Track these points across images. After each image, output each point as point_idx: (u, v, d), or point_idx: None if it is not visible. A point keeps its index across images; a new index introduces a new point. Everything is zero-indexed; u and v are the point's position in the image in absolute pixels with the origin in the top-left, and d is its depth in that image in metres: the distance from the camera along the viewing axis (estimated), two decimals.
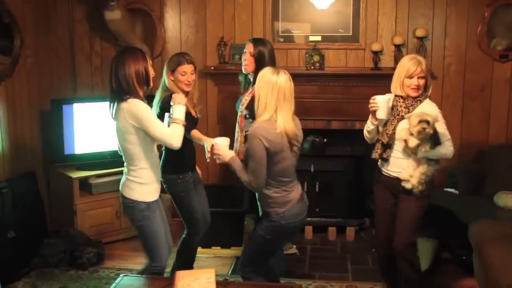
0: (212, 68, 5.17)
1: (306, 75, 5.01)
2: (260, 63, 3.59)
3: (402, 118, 3.37)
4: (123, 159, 3.22)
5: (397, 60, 4.92)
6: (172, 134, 3.06)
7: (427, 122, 3.18)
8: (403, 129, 3.32)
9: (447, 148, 3.31)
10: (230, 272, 4.34)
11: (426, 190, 3.37)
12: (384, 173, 3.52)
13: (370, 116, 3.47)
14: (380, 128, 3.49)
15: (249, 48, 3.67)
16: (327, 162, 5.12)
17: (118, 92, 3.04)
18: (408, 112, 3.35)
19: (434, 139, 3.27)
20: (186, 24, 5.31)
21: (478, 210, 4.28)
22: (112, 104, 3.10)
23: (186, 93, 3.52)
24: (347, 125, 5.15)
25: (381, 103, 3.33)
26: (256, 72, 3.52)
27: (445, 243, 4.34)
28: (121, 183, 3.25)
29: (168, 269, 3.84)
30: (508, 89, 4.96)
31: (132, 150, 3.10)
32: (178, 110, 3.13)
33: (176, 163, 3.55)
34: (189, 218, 3.67)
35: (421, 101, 3.40)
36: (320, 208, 5.09)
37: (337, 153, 5.16)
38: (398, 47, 4.93)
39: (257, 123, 3.01)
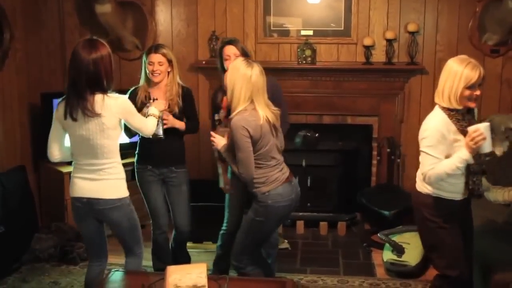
0: (204, 62, 5.15)
1: (298, 70, 5.01)
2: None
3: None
4: (88, 158, 3.01)
5: (388, 54, 4.93)
6: (148, 124, 3.26)
7: None
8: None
9: None
10: None
11: None
12: (458, 199, 2.99)
13: (463, 153, 2.71)
14: (471, 161, 2.81)
15: (232, 50, 3.57)
16: (319, 157, 5.13)
17: (94, 86, 2.91)
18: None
19: None
20: (178, 17, 5.28)
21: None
22: (80, 101, 2.89)
23: (156, 84, 3.60)
24: (338, 120, 5.17)
25: (486, 131, 2.67)
26: None
27: None
28: (95, 188, 3.02)
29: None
30: (499, 84, 4.98)
31: (110, 145, 3.02)
32: (154, 110, 3.39)
33: (138, 153, 3.73)
34: (148, 210, 3.79)
35: (473, 110, 2.96)
36: (311, 203, 5.10)
37: (329, 148, 5.17)
38: (389, 41, 4.93)
39: (238, 114, 3.09)
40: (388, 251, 4.28)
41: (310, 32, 5.11)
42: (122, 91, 4.19)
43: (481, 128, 2.66)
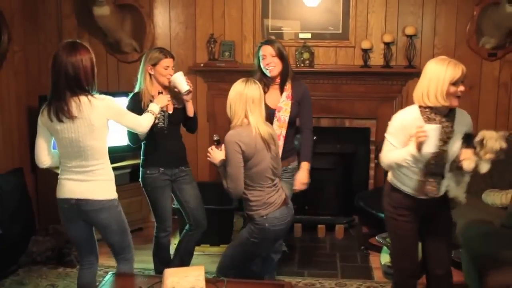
0: (202, 65, 5.16)
1: (296, 73, 4.96)
2: (284, 59, 3.61)
3: (449, 138, 2.89)
4: (77, 160, 2.99)
5: (386, 58, 4.93)
6: (142, 121, 3.22)
7: (502, 149, 2.81)
8: (471, 159, 2.84)
9: None
10: None
11: None
12: (418, 197, 3.01)
13: (411, 147, 2.82)
14: (420, 157, 2.86)
15: (268, 50, 3.57)
16: (317, 160, 5.06)
17: (74, 88, 2.90)
18: (452, 129, 2.90)
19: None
20: (176, 20, 5.28)
21: (466, 208, 4.29)
22: (59, 103, 2.90)
23: (165, 87, 3.62)
24: (336, 123, 5.18)
25: (432, 132, 2.74)
26: (283, 71, 3.60)
27: None
28: (84, 190, 3.00)
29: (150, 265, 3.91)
30: (496, 87, 5.00)
31: (99, 147, 3.00)
32: (154, 107, 3.35)
33: (146, 157, 3.69)
34: (155, 213, 3.78)
35: (454, 113, 2.95)
36: (309, 206, 5.10)
37: (327, 151, 5.17)
38: (387, 45, 4.94)
39: (232, 130, 3.11)
40: (385, 254, 4.28)
41: (308, 35, 5.12)
42: (121, 94, 4.20)
43: (426, 127, 2.74)
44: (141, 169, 3.70)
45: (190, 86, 3.55)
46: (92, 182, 3.02)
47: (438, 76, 2.86)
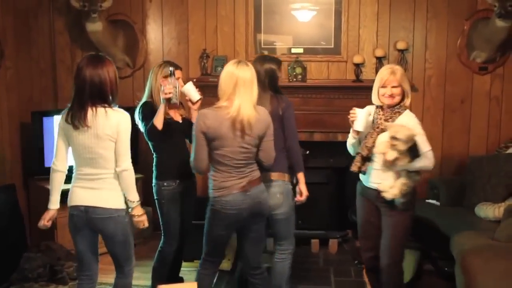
0: (195, 80, 5.15)
1: (288, 87, 5.02)
2: None
3: (382, 131, 3.31)
4: (89, 167, 3.04)
5: (378, 72, 4.96)
6: (130, 165, 3.09)
7: (396, 139, 3.14)
8: (382, 143, 3.27)
9: (426, 161, 3.25)
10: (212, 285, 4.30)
11: (408, 203, 3.31)
12: (365, 186, 3.51)
13: (351, 129, 3.45)
14: (361, 141, 3.46)
15: None
16: (309, 174, 5.04)
17: (101, 100, 2.99)
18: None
19: (414, 152, 3.21)
20: (169, 36, 5.30)
21: (459, 221, 4.31)
22: (79, 111, 2.96)
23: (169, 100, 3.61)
24: (329, 137, 5.18)
25: (360, 114, 3.33)
26: None
27: (427, 254, 4.35)
28: (94, 197, 3.04)
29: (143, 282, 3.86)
30: (487, 101, 5.03)
31: (108, 156, 3.03)
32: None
33: (161, 170, 3.67)
34: (165, 227, 3.73)
35: (400, 113, 3.35)
36: (302, 220, 5.07)
37: (319, 165, 5.16)
38: (379, 59, 4.97)
39: (207, 108, 3.12)
40: None
41: (301, 50, 5.15)
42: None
43: (357, 109, 3.34)
44: (156, 181, 3.66)
45: (201, 95, 3.62)
46: (101, 190, 3.05)
47: (377, 78, 3.42)
